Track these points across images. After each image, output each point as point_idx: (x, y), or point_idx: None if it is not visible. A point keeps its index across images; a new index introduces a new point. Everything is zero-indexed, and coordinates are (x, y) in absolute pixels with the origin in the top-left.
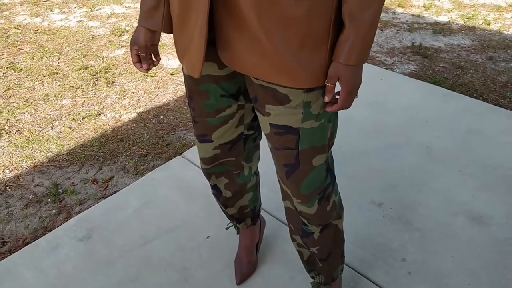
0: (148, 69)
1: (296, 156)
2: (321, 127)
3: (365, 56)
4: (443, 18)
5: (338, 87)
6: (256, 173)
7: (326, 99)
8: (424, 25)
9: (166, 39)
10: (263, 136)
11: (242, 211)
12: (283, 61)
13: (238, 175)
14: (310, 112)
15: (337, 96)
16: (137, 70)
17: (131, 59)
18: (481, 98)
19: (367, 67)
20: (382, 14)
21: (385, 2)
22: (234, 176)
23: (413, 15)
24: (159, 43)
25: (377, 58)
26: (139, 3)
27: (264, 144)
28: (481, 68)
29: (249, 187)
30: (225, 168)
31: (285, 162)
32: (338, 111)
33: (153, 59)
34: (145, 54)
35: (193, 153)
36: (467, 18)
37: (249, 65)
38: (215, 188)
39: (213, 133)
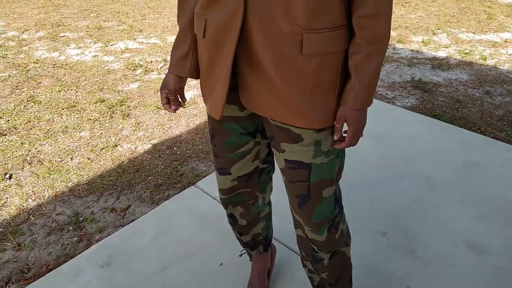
0: (176, 110)
1: (308, 188)
2: (330, 162)
3: (369, 101)
4: (441, 54)
5: (345, 127)
6: (269, 203)
7: (335, 137)
8: (423, 60)
9: None
10: (276, 169)
11: (256, 238)
12: (297, 106)
13: (253, 205)
14: (321, 149)
15: (345, 135)
16: (151, 103)
17: (144, 93)
18: (479, 131)
19: None
20: None
21: None
22: (249, 205)
23: (412, 50)
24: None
25: (378, 92)
26: (162, 44)
27: (275, 176)
28: (479, 102)
29: (262, 216)
30: (241, 198)
31: (298, 193)
32: (345, 148)
33: (180, 100)
34: (174, 97)
35: (206, 183)
36: (464, 54)
37: (267, 108)
38: (231, 216)
39: (232, 166)
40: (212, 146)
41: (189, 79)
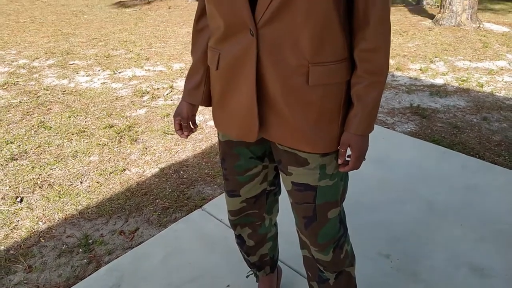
0: (188, 135)
1: (314, 209)
2: (335, 185)
3: (370, 127)
4: (439, 81)
5: (349, 152)
6: (275, 224)
7: (339, 161)
8: (421, 87)
9: None
10: (282, 191)
11: (263, 259)
12: (303, 132)
13: (260, 226)
14: (326, 172)
15: (348, 159)
16: (158, 129)
17: (151, 119)
18: (477, 156)
19: None
20: None
21: None
22: (256, 226)
23: (410, 77)
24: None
25: (379, 118)
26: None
27: (280, 199)
28: (477, 128)
29: (269, 237)
30: (249, 220)
31: (304, 214)
32: (349, 172)
33: (192, 127)
34: (186, 124)
35: (212, 206)
36: (461, 81)
37: (276, 134)
38: (239, 237)
39: (241, 189)
40: (223, 170)
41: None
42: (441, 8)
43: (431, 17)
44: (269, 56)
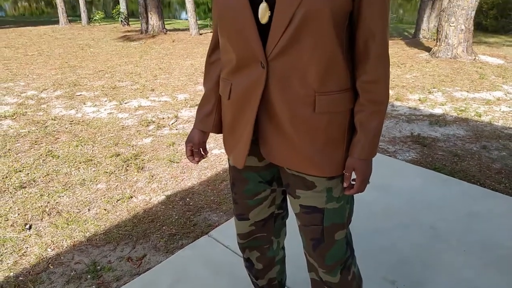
0: (198, 161)
1: (321, 231)
2: (341, 207)
3: (373, 152)
4: (438, 111)
5: (353, 176)
6: (283, 248)
7: (345, 184)
8: (421, 117)
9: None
10: (290, 215)
11: (271, 283)
12: (310, 157)
13: (268, 249)
14: (332, 195)
15: (353, 182)
16: (164, 157)
17: (157, 148)
18: (478, 183)
19: None
20: None
21: None
22: (265, 250)
23: (410, 107)
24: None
25: (380, 146)
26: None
27: (287, 223)
28: (476, 156)
29: (277, 260)
30: (257, 243)
31: (312, 236)
32: (354, 195)
33: (202, 153)
34: (197, 150)
35: (219, 233)
36: (460, 111)
37: (284, 159)
38: (248, 260)
39: (250, 212)
40: (232, 194)
41: None
42: (437, 41)
43: (428, 49)
44: (278, 86)
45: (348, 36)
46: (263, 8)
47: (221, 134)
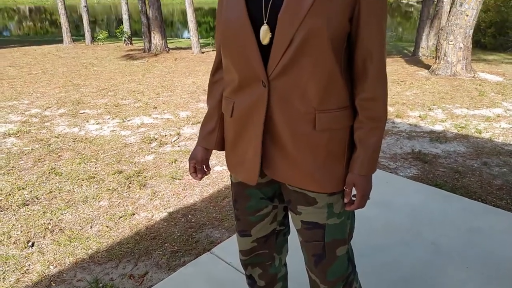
0: (201, 178)
1: (323, 247)
2: (342, 223)
3: (373, 168)
4: (438, 127)
5: (354, 191)
6: (285, 265)
7: (345, 200)
8: (422, 133)
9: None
10: (291, 232)
11: None
12: (311, 173)
13: (270, 266)
14: (333, 211)
15: (354, 198)
16: (166, 174)
17: (159, 165)
18: (479, 199)
19: None
20: None
21: None
22: (267, 266)
23: (410, 124)
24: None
25: (381, 163)
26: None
27: (289, 241)
28: (477, 172)
29: (279, 277)
30: (259, 259)
31: (314, 252)
32: (355, 210)
33: (205, 170)
34: (200, 167)
35: (221, 250)
36: (460, 127)
37: (286, 175)
38: (250, 277)
39: (252, 228)
40: (235, 210)
41: None
42: (436, 59)
43: (427, 67)
44: (279, 104)
45: (347, 56)
46: (264, 30)
47: (223, 151)
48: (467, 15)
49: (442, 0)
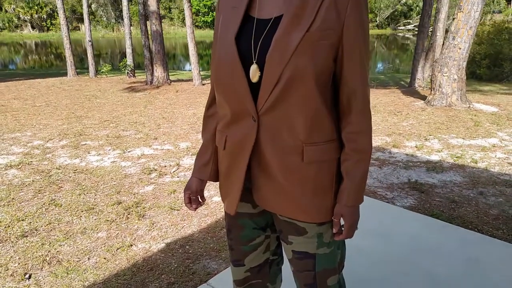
0: (196, 208)
1: (314, 277)
2: (332, 252)
3: (360, 199)
4: (434, 157)
5: (342, 221)
6: None
7: (334, 230)
8: (418, 163)
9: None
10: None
11: None
12: (301, 204)
13: None
14: (323, 241)
15: (342, 228)
16: (165, 204)
17: (158, 195)
18: (476, 229)
19: (370, 201)
20: (380, 154)
21: (381, 144)
22: None
23: (407, 154)
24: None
25: (378, 193)
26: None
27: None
28: (474, 202)
29: None
30: None
31: (305, 282)
32: (348, 240)
33: (200, 200)
34: (195, 197)
35: (217, 281)
36: (456, 157)
37: (276, 205)
38: None
39: (245, 258)
40: (228, 240)
41: None
42: (431, 90)
43: (423, 98)
44: (268, 138)
45: (333, 92)
46: (253, 69)
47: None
48: (460, 48)
49: (435, 33)
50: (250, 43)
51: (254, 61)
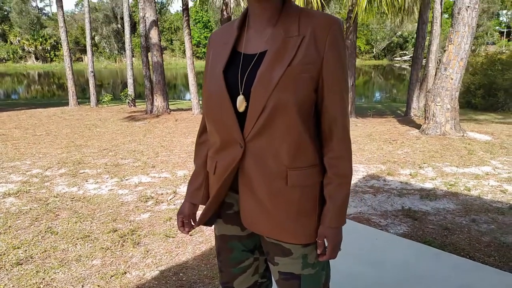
0: (189, 231)
1: None
2: (317, 273)
3: (342, 221)
4: (428, 185)
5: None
6: None
7: (318, 251)
8: (412, 191)
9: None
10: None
11: None
12: (287, 226)
13: None
14: (308, 262)
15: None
16: (160, 232)
17: (154, 223)
18: (468, 256)
19: (363, 228)
20: (375, 181)
21: (376, 171)
22: None
23: (401, 182)
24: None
25: (372, 220)
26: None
27: None
28: (466, 229)
29: None
30: None
31: None
32: (330, 262)
33: (192, 224)
34: (188, 221)
35: None
36: (449, 185)
37: (263, 228)
38: None
39: (234, 280)
40: (218, 262)
41: None
42: (426, 119)
43: (418, 127)
44: (255, 163)
45: (315, 120)
46: (240, 99)
47: None
48: (452, 79)
49: (428, 64)
50: (237, 76)
51: (241, 92)
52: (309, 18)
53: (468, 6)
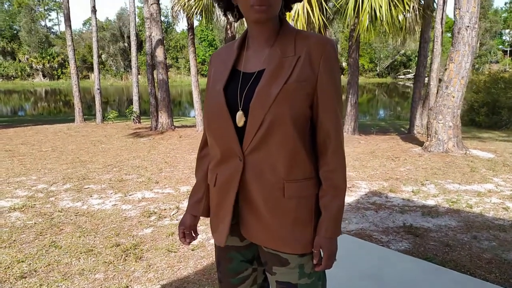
0: (190, 243)
1: None
2: (313, 283)
3: (337, 231)
4: (430, 202)
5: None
6: None
7: (314, 261)
8: (414, 207)
9: None
10: None
11: None
12: (283, 236)
13: None
14: (304, 271)
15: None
16: (163, 246)
17: (157, 238)
18: (468, 273)
19: (365, 244)
20: (377, 198)
21: (378, 188)
22: None
23: (403, 199)
24: None
25: (374, 236)
26: (173, 190)
27: None
28: (467, 246)
29: None
30: None
31: None
32: (330, 277)
33: (193, 235)
34: (189, 232)
35: None
36: (451, 202)
37: (261, 238)
38: None
39: None
40: (218, 273)
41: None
42: (428, 137)
43: (421, 144)
44: (253, 175)
45: (311, 135)
46: (239, 115)
47: None
48: (453, 97)
49: (429, 82)
50: (237, 93)
51: (240, 108)
52: (304, 39)
53: (468, 26)
